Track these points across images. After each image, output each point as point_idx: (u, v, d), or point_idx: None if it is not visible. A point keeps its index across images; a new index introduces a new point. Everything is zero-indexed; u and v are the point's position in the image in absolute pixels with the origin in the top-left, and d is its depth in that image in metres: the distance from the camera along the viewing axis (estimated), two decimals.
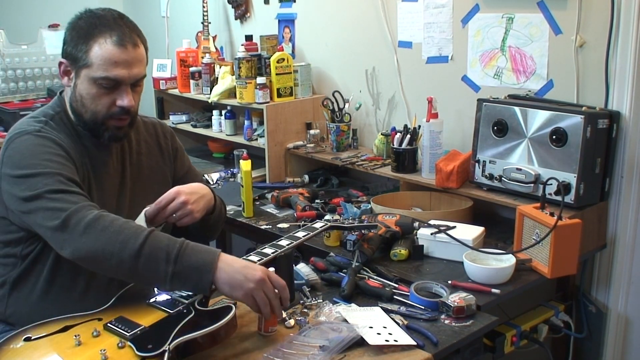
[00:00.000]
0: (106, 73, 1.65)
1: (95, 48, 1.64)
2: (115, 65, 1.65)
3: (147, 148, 1.92)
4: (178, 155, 2.01)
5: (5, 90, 3.79)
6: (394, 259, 2.06)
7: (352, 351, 1.52)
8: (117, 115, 1.70)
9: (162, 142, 1.97)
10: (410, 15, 2.74)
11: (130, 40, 1.67)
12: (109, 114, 1.70)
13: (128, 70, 1.67)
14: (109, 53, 1.64)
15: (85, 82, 1.68)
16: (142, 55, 1.72)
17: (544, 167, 2.17)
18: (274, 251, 1.72)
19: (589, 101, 2.24)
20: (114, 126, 1.72)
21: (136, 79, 1.70)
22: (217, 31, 3.64)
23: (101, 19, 1.68)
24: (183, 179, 1.97)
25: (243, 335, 1.59)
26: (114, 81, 1.66)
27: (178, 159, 2.00)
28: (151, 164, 1.92)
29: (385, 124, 2.94)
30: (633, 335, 2.35)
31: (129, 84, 1.69)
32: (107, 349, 1.35)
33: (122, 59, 1.65)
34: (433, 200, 2.48)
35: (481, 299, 1.78)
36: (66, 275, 1.69)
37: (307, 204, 2.51)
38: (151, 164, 1.92)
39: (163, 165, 1.95)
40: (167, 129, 2.02)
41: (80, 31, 1.68)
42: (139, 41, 1.71)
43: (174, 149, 2.00)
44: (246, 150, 2.99)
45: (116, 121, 1.72)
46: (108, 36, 1.65)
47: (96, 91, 1.67)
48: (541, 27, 2.34)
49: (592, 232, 2.21)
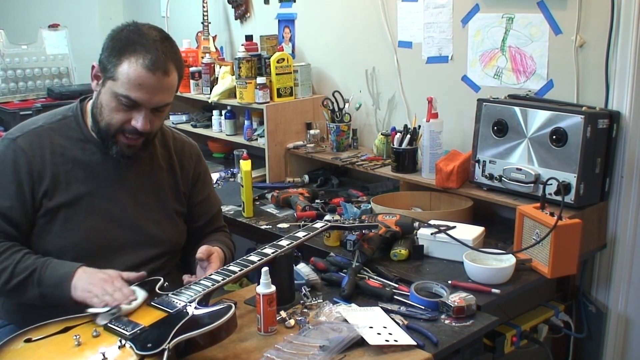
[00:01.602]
0: (127, 92, 1.63)
1: (125, 65, 1.63)
2: (139, 87, 1.63)
3: (169, 164, 1.89)
4: (199, 180, 1.96)
5: (5, 90, 3.79)
6: (394, 259, 2.06)
7: (352, 351, 1.52)
8: (129, 133, 1.69)
9: (186, 163, 1.93)
10: (410, 15, 2.74)
11: (162, 66, 1.64)
12: (121, 129, 1.69)
13: (150, 95, 1.65)
14: (136, 74, 1.62)
15: (107, 93, 1.67)
16: (171, 83, 1.68)
17: (544, 167, 2.17)
18: (274, 251, 1.72)
19: (589, 101, 2.24)
20: (124, 143, 1.71)
21: (157, 105, 1.68)
22: (217, 31, 3.64)
23: (141, 37, 1.65)
24: (199, 205, 1.95)
25: (243, 335, 1.59)
26: (134, 102, 1.65)
27: (198, 185, 1.96)
28: (170, 181, 1.88)
29: (385, 124, 2.94)
30: (633, 335, 2.35)
31: (149, 109, 1.67)
32: (107, 348, 1.35)
33: (148, 84, 1.63)
34: (433, 200, 2.48)
35: (481, 299, 1.78)
36: None
37: (307, 204, 2.51)
38: (170, 181, 1.88)
39: (180, 186, 1.90)
40: (196, 151, 1.99)
41: (117, 43, 1.66)
42: (172, 69, 1.67)
43: (196, 173, 1.95)
44: (246, 150, 3.00)
45: (127, 139, 1.71)
46: (141, 57, 1.62)
47: (115, 105, 1.67)
48: (541, 27, 2.34)
49: (592, 232, 2.21)
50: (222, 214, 2.11)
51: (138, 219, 1.80)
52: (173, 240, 1.88)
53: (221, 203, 2.09)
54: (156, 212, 1.84)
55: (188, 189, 1.93)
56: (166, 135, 1.92)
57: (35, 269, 1.62)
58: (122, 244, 1.76)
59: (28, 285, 1.62)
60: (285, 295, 1.71)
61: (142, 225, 1.80)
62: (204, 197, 1.97)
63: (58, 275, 1.61)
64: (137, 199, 1.81)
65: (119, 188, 1.78)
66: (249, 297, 1.79)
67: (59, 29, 3.98)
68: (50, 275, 1.62)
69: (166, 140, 1.91)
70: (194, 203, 1.94)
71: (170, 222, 1.87)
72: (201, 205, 1.96)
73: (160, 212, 1.85)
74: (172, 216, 1.87)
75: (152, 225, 1.82)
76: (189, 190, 1.93)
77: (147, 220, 1.81)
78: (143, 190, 1.83)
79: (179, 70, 1.71)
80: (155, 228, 1.82)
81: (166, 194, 1.87)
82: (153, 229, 1.81)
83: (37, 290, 1.62)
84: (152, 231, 1.81)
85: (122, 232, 1.77)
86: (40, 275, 1.62)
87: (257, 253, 1.72)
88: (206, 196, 1.98)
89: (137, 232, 1.79)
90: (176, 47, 1.72)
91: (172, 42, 1.72)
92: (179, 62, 1.72)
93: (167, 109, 1.75)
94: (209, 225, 1.99)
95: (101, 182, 1.76)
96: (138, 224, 1.79)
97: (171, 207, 1.87)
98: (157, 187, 1.86)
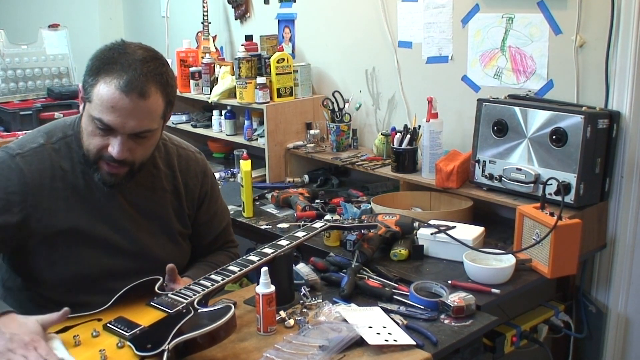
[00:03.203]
0: (100, 115, 1.51)
1: (101, 86, 1.50)
2: (111, 110, 1.50)
3: (173, 185, 1.78)
4: (205, 200, 1.85)
5: (5, 90, 3.78)
6: (394, 259, 2.06)
7: (351, 351, 1.51)
8: (107, 160, 1.57)
9: (192, 183, 1.81)
10: (410, 15, 2.74)
11: (137, 88, 1.49)
12: (99, 155, 1.58)
13: (123, 120, 1.51)
14: (109, 96, 1.49)
15: (86, 116, 1.57)
16: (149, 108, 1.53)
17: (544, 167, 2.17)
18: (273, 251, 1.72)
19: (589, 101, 2.24)
20: (106, 171, 1.60)
21: (133, 131, 1.54)
22: (217, 31, 3.64)
23: (124, 56, 1.52)
24: (205, 225, 1.86)
25: (242, 335, 1.59)
26: (107, 126, 1.52)
27: (204, 205, 1.85)
28: (174, 203, 1.78)
29: (385, 124, 2.94)
30: (633, 335, 2.35)
31: (125, 134, 1.54)
32: (106, 349, 1.35)
33: (120, 106, 1.49)
34: (433, 200, 2.48)
35: (481, 299, 1.78)
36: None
37: (307, 204, 2.51)
38: (174, 203, 1.78)
39: (184, 208, 1.80)
40: (202, 168, 1.86)
41: (96, 62, 1.54)
42: (153, 91, 1.52)
43: (202, 192, 1.84)
44: (246, 150, 3.00)
45: (107, 166, 1.59)
46: (116, 77, 1.49)
47: (92, 129, 1.56)
48: (541, 27, 2.34)
49: (592, 232, 2.21)
50: (231, 223, 1.99)
51: (141, 245, 1.72)
52: (177, 262, 1.77)
53: (229, 216, 1.98)
54: (159, 236, 1.76)
55: (193, 210, 1.83)
56: (170, 153, 1.81)
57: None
58: (125, 271, 1.67)
59: None
60: (284, 295, 1.71)
61: (145, 250, 1.72)
62: (210, 216, 1.87)
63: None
64: (139, 224, 1.72)
65: (121, 214, 1.70)
66: (248, 297, 1.79)
67: (59, 29, 3.97)
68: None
69: (171, 159, 1.80)
70: (200, 223, 1.85)
71: (175, 245, 1.79)
72: (207, 225, 1.87)
73: (164, 235, 1.77)
74: (176, 239, 1.80)
75: (156, 250, 1.74)
76: (194, 212, 1.83)
77: (150, 245, 1.73)
78: (146, 214, 1.74)
79: (164, 93, 1.56)
80: (160, 252, 1.74)
81: (170, 217, 1.77)
82: (157, 253, 1.74)
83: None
84: (155, 256, 1.73)
85: (124, 259, 1.70)
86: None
87: (256, 253, 1.72)
88: (212, 214, 1.88)
89: (140, 258, 1.71)
90: (165, 68, 1.57)
91: (161, 62, 1.57)
92: (165, 85, 1.56)
93: (153, 137, 1.61)
94: (216, 243, 1.91)
95: (102, 209, 1.67)
96: (141, 250, 1.72)
97: (175, 229, 1.79)
98: (161, 211, 1.76)
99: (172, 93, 1.60)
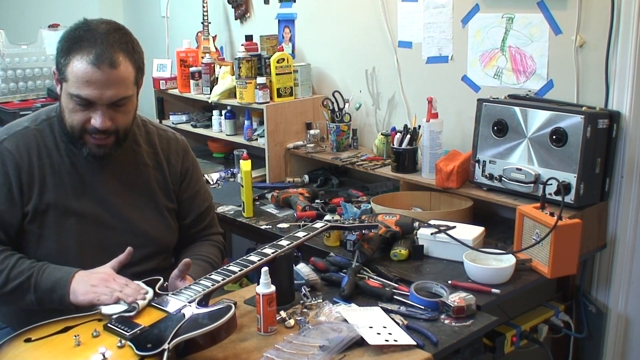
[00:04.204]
0: (78, 91, 1.61)
1: (74, 63, 1.60)
2: (87, 84, 1.59)
3: (155, 161, 1.87)
4: (187, 176, 1.93)
5: (5, 90, 3.78)
6: (394, 259, 2.06)
7: (352, 351, 1.51)
8: (92, 133, 1.66)
9: (173, 159, 1.91)
10: (410, 15, 2.74)
11: (108, 60, 1.59)
12: (84, 130, 1.67)
13: (100, 91, 1.60)
14: (82, 72, 1.59)
15: (64, 95, 1.66)
16: (121, 76, 1.62)
17: (544, 167, 2.17)
18: (274, 251, 1.72)
19: (589, 101, 2.24)
20: (93, 143, 1.69)
21: (111, 101, 1.63)
22: (217, 31, 3.64)
23: (89, 32, 1.62)
24: (187, 202, 1.93)
25: (243, 335, 1.59)
26: (86, 100, 1.62)
27: (186, 180, 1.93)
28: (158, 177, 1.87)
29: (385, 124, 2.94)
30: (633, 335, 2.35)
31: (105, 105, 1.63)
32: (106, 348, 1.35)
33: (94, 79, 1.59)
34: (433, 200, 2.48)
35: (481, 299, 1.78)
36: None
37: (307, 204, 2.51)
38: (158, 177, 1.87)
39: (168, 183, 1.88)
40: (182, 146, 1.95)
41: (65, 43, 1.63)
42: (121, 60, 1.62)
43: (184, 168, 1.92)
44: (246, 150, 3.00)
45: (94, 139, 1.68)
46: (86, 53, 1.59)
47: (72, 106, 1.64)
48: (541, 27, 2.34)
49: (592, 232, 2.21)
50: (217, 213, 2.06)
51: (128, 219, 1.78)
52: (165, 238, 1.87)
53: (212, 199, 2.05)
54: (147, 210, 1.83)
55: (177, 185, 1.91)
56: (151, 133, 1.90)
57: (31, 274, 1.61)
58: (114, 245, 1.72)
59: (24, 290, 1.60)
60: (285, 295, 1.71)
61: (133, 224, 1.79)
62: (192, 193, 1.94)
63: (55, 280, 1.60)
64: (125, 199, 1.79)
65: (106, 189, 1.77)
66: (248, 297, 1.79)
67: (59, 29, 3.97)
68: (47, 279, 1.60)
69: (151, 137, 1.89)
70: (182, 199, 1.92)
71: (162, 219, 1.86)
72: (189, 201, 1.93)
73: (151, 210, 1.83)
74: (163, 213, 1.86)
75: (143, 224, 1.80)
76: (178, 187, 1.91)
77: (137, 219, 1.80)
78: (131, 189, 1.81)
79: (132, 60, 1.65)
80: (147, 226, 1.81)
81: (155, 191, 1.85)
82: (144, 228, 1.80)
83: (33, 296, 1.60)
84: (143, 230, 1.80)
85: (113, 233, 1.76)
86: (37, 280, 1.60)
87: (257, 253, 1.72)
88: (195, 192, 1.95)
89: (128, 232, 1.77)
90: (129, 37, 1.67)
91: (124, 32, 1.66)
92: (132, 53, 1.66)
93: (130, 103, 1.70)
94: (198, 223, 1.96)
95: (88, 185, 1.75)
96: (128, 224, 1.78)
97: (161, 203, 1.86)
98: (145, 185, 1.84)
99: (140, 59, 1.70)
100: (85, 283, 1.57)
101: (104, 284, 1.55)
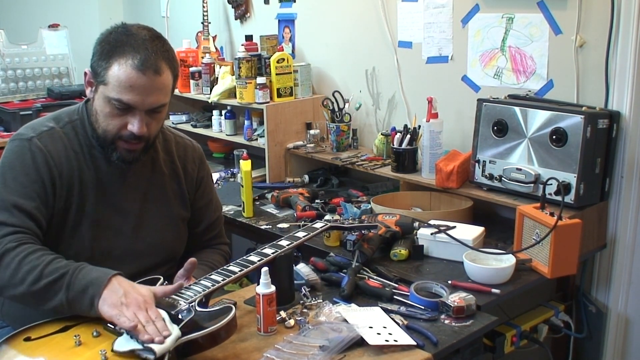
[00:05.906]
0: (119, 96, 1.59)
1: (115, 67, 1.58)
2: (130, 89, 1.58)
3: (172, 169, 1.85)
4: (202, 184, 1.92)
5: (5, 90, 3.78)
6: (394, 259, 2.06)
7: (352, 351, 1.51)
8: (127, 139, 1.65)
9: (190, 167, 1.89)
10: (410, 15, 2.74)
11: (153, 66, 1.58)
12: (118, 135, 1.65)
13: (143, 97, 1.60)
14: (126, 76, 1.57)
15: (100, 98, 1.63)
16: (164, 83, 1.62)
17: (544, 167, 2.17)
18: (274, 251, 1.72)
19: (589, 101, 2.24)
20: (124, 148, 1.67)
21: (151, 107, 1.63)
22: (217, 31, 3.64)
23: (130, 37, 1.60)
24: (200, 210, 1.91)
25: (243, 335, 1.59)
26: (127, 105, 1.60)
27: (201, 189, 1.91)
28: (173, 186, 1.85)
29: (385, 124, 2.94)
30: (633, 335, 2.35)
31: (144, 110, 1.62)
32: (107, 349, 1.35)
33: (139, 85, 1.58)
34: (433, 200, 2.48)
35: (481, 299, 1.78)
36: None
37: (307, 204, 2.51)
38: (173, 186, 1.85)
39: (185, 191, 1.87)
40: (198, 155, 1.94)
41: (105, 46, 1.61)
42: (164, 67, 1.62)
43: (199, 177, 1.91)
44: (246, 150, 3.00)
45: (126, 144, 1.66)
46: (130, 58, 1.57)
47: (109, 110, 1.62)
48: (541, 27, 2.34)
49: (592, 232, 2.21)
50: (223, 219, 2.04)
51: (140, 228, 1.76)
52: (174, 248, 1.85)
53: (222, 210, 2.04)
54: (160, 219, 1.80)
55: (192, 194, 1.89)
56: (169, 140, 1.88)
57: (66, 272, 1.50)
58: (122, 253, 1.72)
59: (57, 288, 1.49)
60: (285, 295, 1.71)
61: (143, 233, 1.76)
62: (206, 202, 1.93)
63: (90, 279, 1.49)
64: (141, 207, 1.77)
65: (123, 196, 1.75)
66: (248, 297, 1.79)
67: (59, 29, 3.98)
68: (83, 278, 1.49)
69: (169, 145, 1.87)
70: (196, 208, 1.90)
71: (173, 228, 1.84)
72: (202, 210, 1.92)
73: (164, 219, 1.81)
74: (176, 222, 1.84)
75: (155, 233, 1.78)
76: (192, 195, 1.89)
77: (148, 228, 1.77)
78: (147, 197, 1.79)
79: (172, 68, 1.66)
80: (158, 235, 1.79)
81: (170, 200, 1.83)
82: (155, 237, 1.78)
83: (64, 295, 1.48)
84: (154, 239, 1.78)
85: (123, 241, 1.74)
86: (71, 279, 1.49)
87: (257, 253, 1.72)
88: (208, 201, 1.94)
89: (139, 240, 1.76)
90: (168, 45, 1.67)
91: (164, 40, 1.66)
92: (172, 61, 1.66)
93: (164, 110, 1.70)
94: (209, 232, 1.95)
95: (107, 191, 1.72)
96: (139, 232, 1.76)
97: (175, 212, 1.84)
98: (161, 193, 1.82)
99: (177, 68, 1.71)
100: (119, 296, 1.45)
101: (134, 308, 1.43)
